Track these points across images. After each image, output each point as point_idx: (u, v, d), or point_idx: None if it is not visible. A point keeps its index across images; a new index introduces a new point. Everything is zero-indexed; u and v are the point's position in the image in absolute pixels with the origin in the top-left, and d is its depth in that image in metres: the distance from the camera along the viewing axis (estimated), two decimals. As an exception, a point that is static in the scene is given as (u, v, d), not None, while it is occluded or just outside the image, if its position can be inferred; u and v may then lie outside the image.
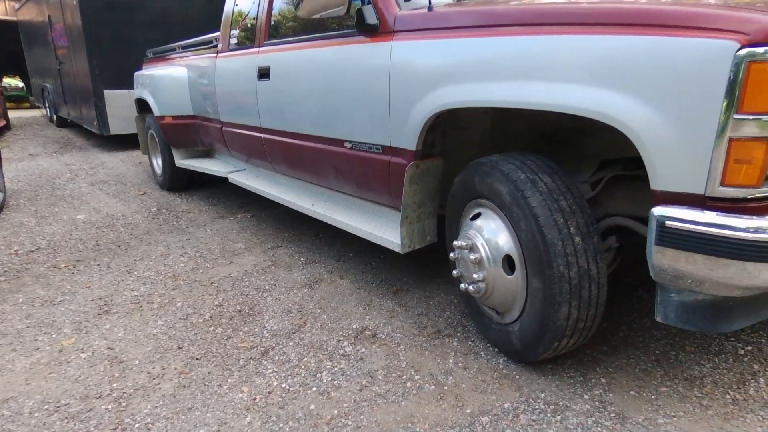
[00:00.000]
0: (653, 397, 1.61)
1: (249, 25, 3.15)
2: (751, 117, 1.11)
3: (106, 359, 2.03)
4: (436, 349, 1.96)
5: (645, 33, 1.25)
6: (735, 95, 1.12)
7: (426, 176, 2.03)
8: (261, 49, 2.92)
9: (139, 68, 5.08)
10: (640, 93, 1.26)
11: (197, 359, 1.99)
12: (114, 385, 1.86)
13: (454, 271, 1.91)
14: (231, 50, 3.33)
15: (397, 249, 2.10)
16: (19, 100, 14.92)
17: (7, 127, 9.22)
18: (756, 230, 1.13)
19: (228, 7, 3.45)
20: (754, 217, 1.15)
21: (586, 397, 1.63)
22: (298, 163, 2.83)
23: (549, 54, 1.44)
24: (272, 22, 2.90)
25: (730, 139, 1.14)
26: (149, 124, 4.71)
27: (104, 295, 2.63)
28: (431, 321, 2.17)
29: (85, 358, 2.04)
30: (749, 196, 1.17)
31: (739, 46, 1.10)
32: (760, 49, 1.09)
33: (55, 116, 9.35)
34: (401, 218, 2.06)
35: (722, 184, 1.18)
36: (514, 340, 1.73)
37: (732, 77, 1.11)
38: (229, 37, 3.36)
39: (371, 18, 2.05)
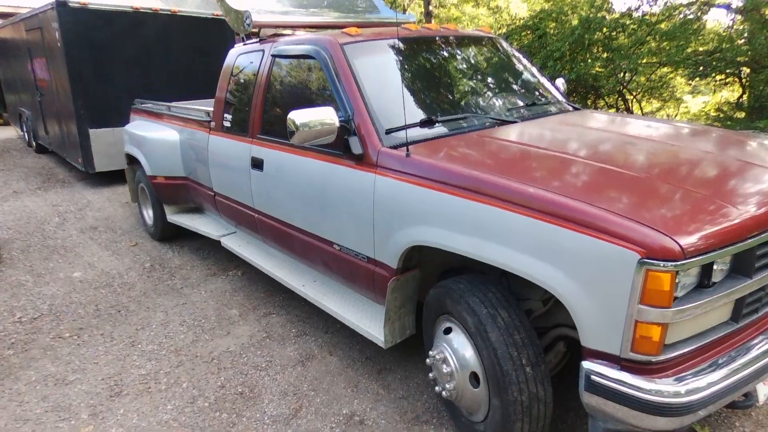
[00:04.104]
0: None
1: (243, 112, 3.38)
2: (650, 308, 1.48)
3: (125, 450, 2.30)
4: (415, 436, 2.30)
5: (576, 229, 1.60)
6: (638, 291, 1.48)
7: (405, 285, 2.36)
8: (254, 140, 3.19)
9: (127, 120, 5.26)
10: (570, 272, 1.61)
11: (208, 450, 2.29)
12: (137, 479, 2.14)
13: (430, 374, 2.25)
14: (224, 131, 3.56)
15: (381, 344, 2.43)
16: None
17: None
18: (655, 393, 1.50)
19: (220, 88, 3.66)
20: (655, 381, 1.51)
21: (538, 486, 1.99)
22: (289, 246, 3.12)
23: (501, 224, 1.79)
24: (265, 114, 3.15)
25: (636, 321, 1.50)
26: (140, 178, 4.90)
27: (113, 374, 2.89)
28: (411, 405, 2.51)
29: (106, 449, 2.31)
30: (653, 360, 1.54)
31: (640, 257, 1.46)
32: (655, 261, 1.45)
33: (34, 143, 9.34)
34: (384, 320, 2.39)
35: (632, 350, 1.54)
36: (480, 436, 2.08)
37: (635, 278, 1.47)
38: (222, 119, 3.60)
39: (356, 148, 2.36)
